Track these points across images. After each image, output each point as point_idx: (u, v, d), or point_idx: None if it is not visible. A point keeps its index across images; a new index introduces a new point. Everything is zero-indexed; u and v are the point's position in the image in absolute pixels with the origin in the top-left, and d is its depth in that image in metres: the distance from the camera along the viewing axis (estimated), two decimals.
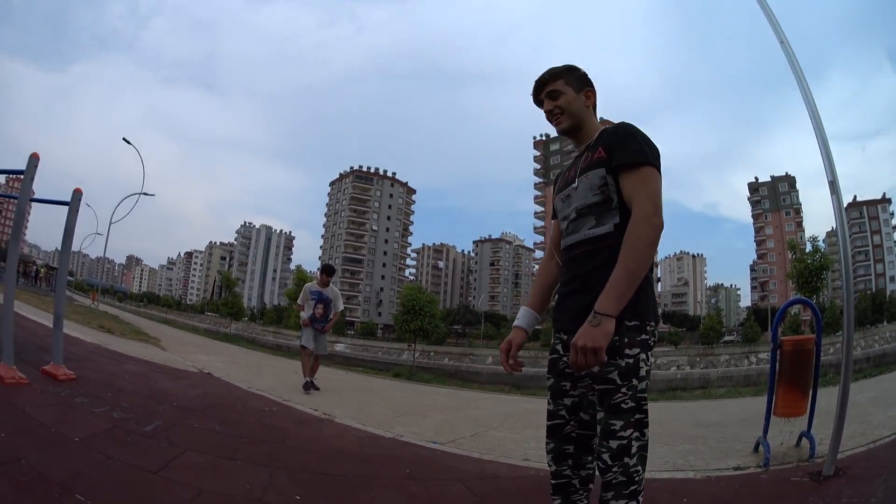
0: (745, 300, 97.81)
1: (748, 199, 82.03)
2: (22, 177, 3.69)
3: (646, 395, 1.48)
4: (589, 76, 1.79)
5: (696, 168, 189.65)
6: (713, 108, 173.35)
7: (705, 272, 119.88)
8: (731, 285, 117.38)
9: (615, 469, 1.43)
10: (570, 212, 1.68)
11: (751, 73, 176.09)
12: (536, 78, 1.78)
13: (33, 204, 4.31)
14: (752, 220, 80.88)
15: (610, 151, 1.57)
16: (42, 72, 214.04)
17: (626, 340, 1.46)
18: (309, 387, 6.43)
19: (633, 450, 1.44)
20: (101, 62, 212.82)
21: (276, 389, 6.28)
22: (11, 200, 4.66)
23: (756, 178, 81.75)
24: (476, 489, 2.94)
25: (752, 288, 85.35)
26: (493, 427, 5.44)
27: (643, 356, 1.48)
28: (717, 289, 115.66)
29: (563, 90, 1.72)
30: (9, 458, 2.18)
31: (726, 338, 47.51)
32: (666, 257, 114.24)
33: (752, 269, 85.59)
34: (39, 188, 4.61)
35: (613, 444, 1.44)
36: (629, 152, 1.54)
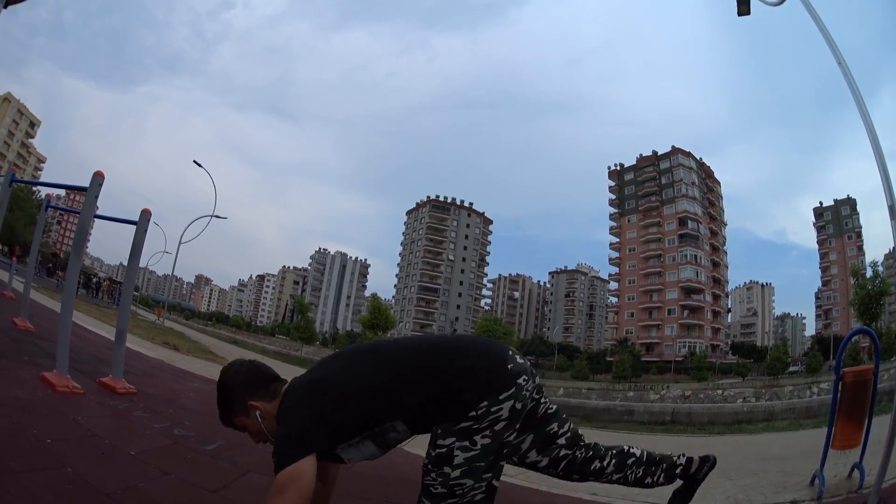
0: (811, 328, 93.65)
1: (814, 224, 77.72)
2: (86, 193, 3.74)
3: (465, 483, 1.37)
4: (239, 393, 1.61)
5: (763, 195, 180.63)
6: (775, 133, 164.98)
7: (773, 301, 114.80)
8: (797, 314, 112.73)
9: None
10: None
11: (806, 95, 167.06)
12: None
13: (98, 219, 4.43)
14: (817, 246, 76.29)
15: None
16: (102, 90, 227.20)
17: (438, 432, 1.42)
18: None
19: None
20: (169, 84, 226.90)
21: None
22: (76, 214, 4.83)
23: (821, 203, 77.08)
24: None
25: (817, 316, 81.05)
26: None
27: (463, 444, 1.38)
28: (783, 318, 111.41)
29: (239, 423, 1.63)
30: (53, 465, 1.99)
31: (791, 368, 46.34)
32: (736, 287, 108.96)
33: (817, 297, 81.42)
34: (107, 205, 4.71)
35: None
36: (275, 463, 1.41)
